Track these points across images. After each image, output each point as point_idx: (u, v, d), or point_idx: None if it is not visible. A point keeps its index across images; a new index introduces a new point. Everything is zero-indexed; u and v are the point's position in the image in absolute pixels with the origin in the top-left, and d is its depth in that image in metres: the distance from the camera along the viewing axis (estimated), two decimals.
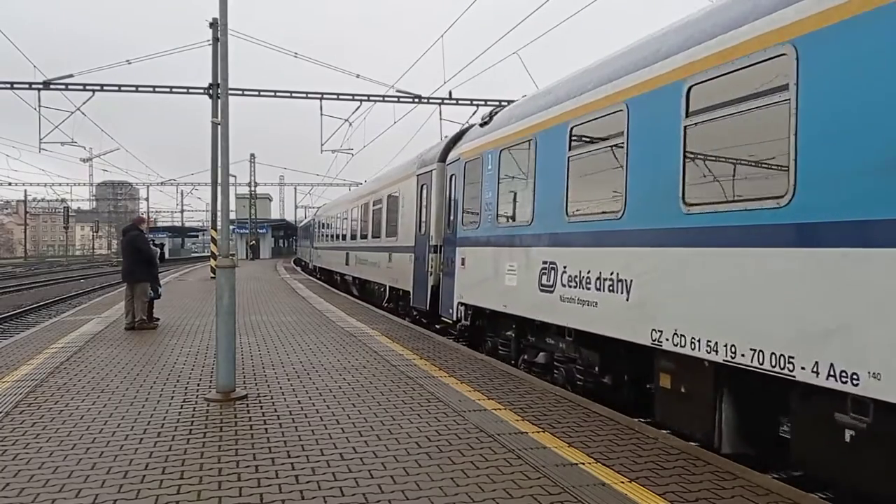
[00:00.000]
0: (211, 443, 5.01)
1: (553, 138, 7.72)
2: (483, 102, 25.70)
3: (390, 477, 4.30)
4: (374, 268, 18.16)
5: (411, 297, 13.72)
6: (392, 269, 15.68)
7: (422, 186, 13.55)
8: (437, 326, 12.84)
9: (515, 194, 8.82)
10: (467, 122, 24.24)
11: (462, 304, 10.64)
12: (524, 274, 8.22)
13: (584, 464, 4.59)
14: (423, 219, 13.28)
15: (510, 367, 8.51)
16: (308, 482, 4.20)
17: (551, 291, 7.51)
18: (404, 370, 7.88)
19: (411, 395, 6.59)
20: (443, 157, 12.54)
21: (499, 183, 9.22)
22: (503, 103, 24.97)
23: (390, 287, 15.94)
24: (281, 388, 6.93)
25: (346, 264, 23.30)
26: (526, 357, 8.76)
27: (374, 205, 18.88)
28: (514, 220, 8.78)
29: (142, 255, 11.64)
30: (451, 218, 11.54)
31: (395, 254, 15.50)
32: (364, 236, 20.23)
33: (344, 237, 24.96)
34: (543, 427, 5.50)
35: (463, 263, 10.56)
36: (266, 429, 5.39)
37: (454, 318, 11.03)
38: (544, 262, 7.71)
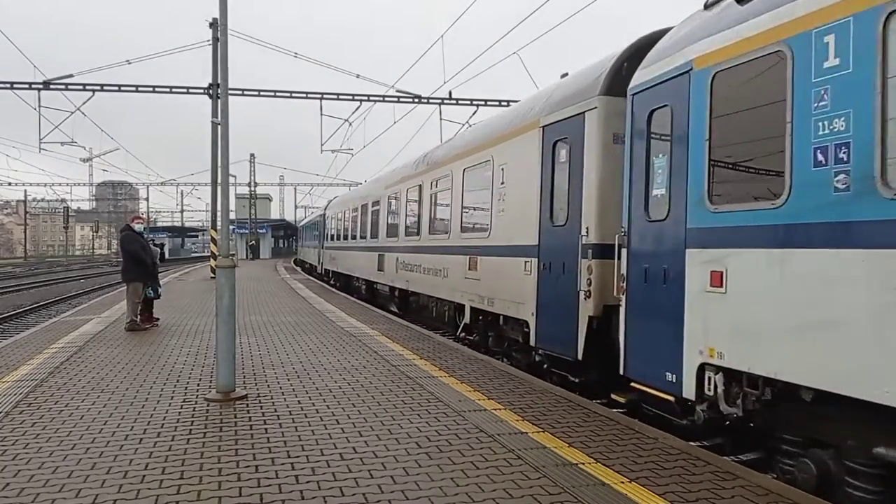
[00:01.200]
0: (211, 443, 5.01)
1: None
2: (483, 102, 25.71)
3: (390, 477, 4.30)
4: (434, 277, 12.71)
5: (532, 331, 8.35)
6: (479, 283, 10.30)
7: (554, 145, 8.16)
8: (617, 398, 6.83)
9: None
10: (468, 122, 24.29)
11: (714, 367, 5.31)
12: None
13: (584, 464, 4.59)
14: (562, 200, 7.96)
15: (510, 366, 8.49)
16: (308, 482, 4.20)
17: None
18: (404, 370, 7.87)
19: (411, 396, 6.59)
20: (610, 87, 7.30)
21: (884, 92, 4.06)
22: (503, 103, 25.17)
23: (475, 309, 10.53)
24: (281, 388, 6.93)
25: (380, 270, 17.73)
26: None
27: (433, 187, 13.34)
28: None
29: (128, 255, 11.56)
30: (655, 193, 6.22)
31: (484, 258, 10.17)
32: (413, 232, 14.83)
33: (374, 234, 19.17)
34: (543, 427, 5.50)
35: (720, 283, 5.25)
36: (266, 429, 5.39)
37: (682, 392, 5.61)
38: None
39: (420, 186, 14.34)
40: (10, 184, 72.94)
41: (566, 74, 9.13)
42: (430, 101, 25.58)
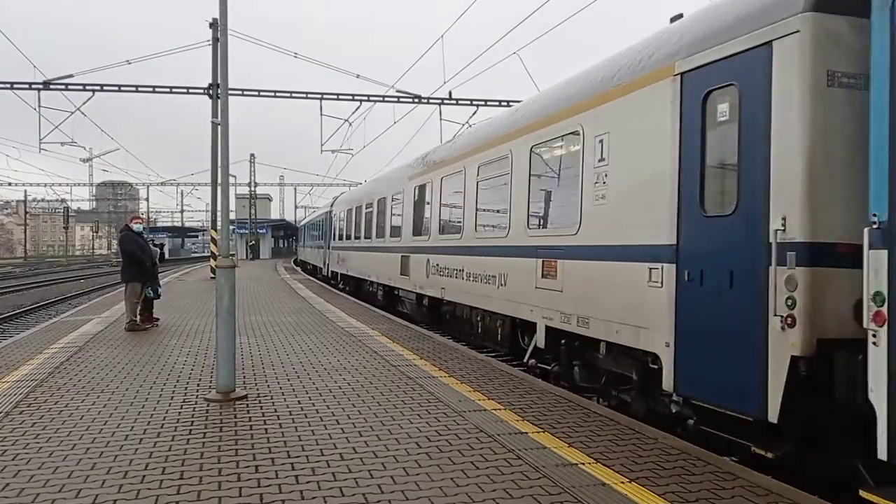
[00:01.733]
0: (211, 443, 5.01)
1: None
2: (483, 102, 25.74)
3: (390, 477, 4.30)
4: (484, 285, 10.12)
5: (669, 370, 5.72)
6: (561, 295, 7.74)
7: (705, 98, 5.59)
8: (877, 501, 3.85)
9: None
10: (468, 122, 24.35)
11: None
12: None
13: (584, 464, 4.59)
14: (725, 177, 5.56)
15: (510, 367, 8.49)
16: (308, 482, 4.20)
17: None
18: (404, 370, 7.87)
19: (411, 396, 6.59)
20: None
21: None
22: (503, 103, 25.21)
23: (552, 329, 7.98)
24: (281, 388, 6.93)
25: (404, 274, 15.37)
26: None
27: (480, 173, 10.73)
28: None
29: (126, 256, 11.59)
30: None
31: (569, 262, 7.66)
32: (452, 229, 12.23)
33: (395, 233, 16.54)
34: (543, 427, 5.50)
35: None
36: (266, 429, 5.39)
37: None
38: None
39: (461, 173, 11.58)
40: (10, 184, 72.81)
41: (680, 16, 6.78)
42: (430, 101, 25.60)
